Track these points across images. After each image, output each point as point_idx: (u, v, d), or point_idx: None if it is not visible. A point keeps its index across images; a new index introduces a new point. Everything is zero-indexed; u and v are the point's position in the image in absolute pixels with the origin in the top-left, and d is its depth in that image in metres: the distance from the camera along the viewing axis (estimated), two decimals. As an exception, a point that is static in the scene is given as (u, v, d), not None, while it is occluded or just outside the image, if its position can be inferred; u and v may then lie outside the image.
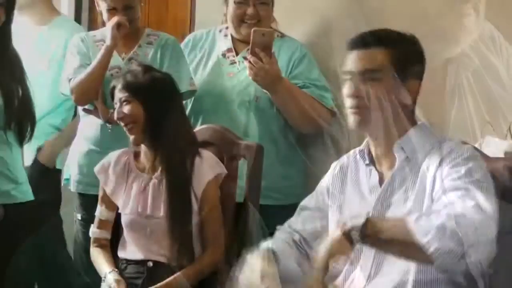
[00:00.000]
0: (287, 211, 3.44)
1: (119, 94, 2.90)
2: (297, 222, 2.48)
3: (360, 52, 2.28)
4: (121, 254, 2.93)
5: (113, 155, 3.01)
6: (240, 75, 3.45)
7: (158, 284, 2.77)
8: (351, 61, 2.29)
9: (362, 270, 2.28)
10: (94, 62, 3.30)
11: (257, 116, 3.40)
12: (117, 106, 2.91)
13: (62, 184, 3.59)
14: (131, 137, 2.90)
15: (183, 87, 3.24)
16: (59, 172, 3.73)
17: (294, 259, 2.36)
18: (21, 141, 3.21)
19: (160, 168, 2.88)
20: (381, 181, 2.32)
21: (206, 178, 2.85)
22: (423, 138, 2.29)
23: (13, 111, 3.13)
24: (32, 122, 3.23)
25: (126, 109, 2.88)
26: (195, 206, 2.84)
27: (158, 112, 2.87)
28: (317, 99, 3.37)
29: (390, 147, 2.29)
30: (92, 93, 3.31)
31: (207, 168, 2.87)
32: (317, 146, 3.53)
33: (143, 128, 2.87)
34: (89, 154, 3.41)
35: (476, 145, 2.72)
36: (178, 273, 2.79)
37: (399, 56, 2.27)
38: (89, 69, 3.30)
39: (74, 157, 3.49)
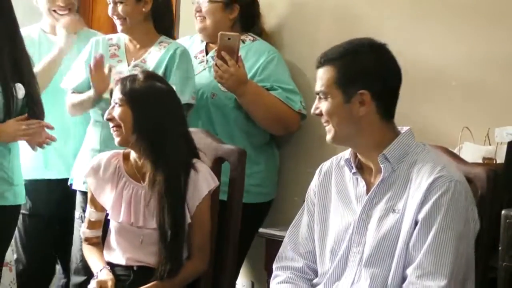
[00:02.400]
0: (252, 209, 3.50)
1: (115, 95, 2.90)
2: (297, 244, 2.51)
3: (317, 72, 2.35)
4: (106, 257, 2.95)
5: (102, 158, 2.99)
6: (204, 72, 3.52)
7: None
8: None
9: (347, 277, 2.35)
10: (84, 97, 3.43)
11: (215, 113, 3.47)
12: (110, 106, 2.91)
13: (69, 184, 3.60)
14: (116, 139, 2.90)
15: (184, 99, 3.23)
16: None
17: None
18: None
19: (149, 177, 2.85)
20: (368, 190, 2.36)
21: (202, 194, 2.86)
22: (407, 148, 2.33)
23: (13, 109, 3.14)
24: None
25: (116, 111, 2.87)
26: (188, 219, 2.85)
27: (147, 120, 2.84)
28: (285, 101, 3.43)
29: (376, 157, 2.33)
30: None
31: (202, 183, 2.86)
32: (285, 148, 3.60)
33: (127, 132, 2.85)
34: (87, 152, 3.47)
35: (455, 150, 2.77)
36: (158, 282, 2.81)
37: (343, 72, 2.30)
38: (81, 97, 3.45)
39: (78, 157, 3.56)
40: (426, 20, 3.22)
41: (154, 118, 2.85)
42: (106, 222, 3.01)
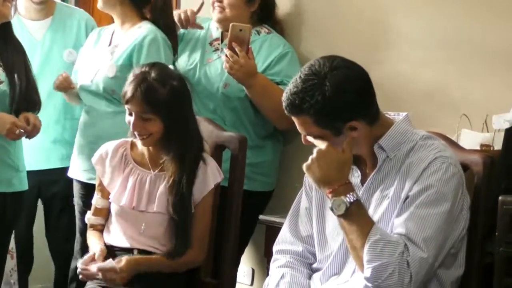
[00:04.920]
0: (257, 197, 3.52)
1: (135, 107, 2.86)
2: (297, 228, 2.54)
3: (294, 118, 2.33)
4: (106, 239, 3.00)
5: (110, 146, 3.04)
6: (217, 61, 3.52)
7: (139, 256, 2.87)
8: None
9: (347, 268, 2.39)
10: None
11: (225, 103, 3.48)
12: (132, 117, 2.87)
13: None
14: (142, 142, 2.92)
15: None
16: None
17: (303, 278, 2.48)
18: None
19: (162, 166, 2.92)
20: (363, 180, 2.39)
21: (209, 186, 2.92)
22: (403, 136, 2.34)
23: (18, 98, 3.18)
24: (38, 110, 3.29)
25: (146, 125, 2.87)
26: (192, 208, 2.90)
27: (176, 124, 2.89)
28: None
29: (371, 147, 2.35)
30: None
31: (211, 176, 2.92)
32: (286, 135, 3.61)
33: (157, 139, 2.90)
34: (80, 142, 3.51)
35: (453, 138, 2.79)
36: (160, 256, 2.88)
37: (318, 116, 2.26)
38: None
39: (74, 147, 3.58)
40: (425, 5, 3.23)
41: (181, 119, 2.91)
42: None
